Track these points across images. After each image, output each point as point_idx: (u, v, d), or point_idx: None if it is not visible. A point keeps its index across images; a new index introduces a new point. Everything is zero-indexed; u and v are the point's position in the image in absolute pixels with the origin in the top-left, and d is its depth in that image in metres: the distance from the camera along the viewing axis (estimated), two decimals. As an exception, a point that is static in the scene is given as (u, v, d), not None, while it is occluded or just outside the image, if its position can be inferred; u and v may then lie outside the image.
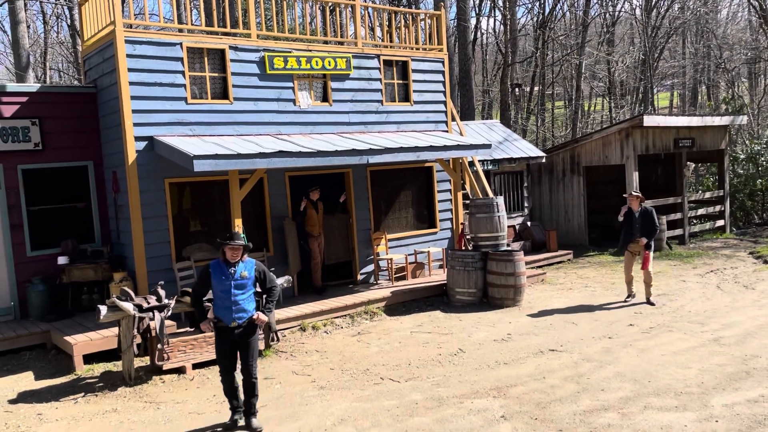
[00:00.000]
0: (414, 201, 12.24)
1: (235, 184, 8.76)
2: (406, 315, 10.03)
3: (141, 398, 6.83)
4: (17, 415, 6.45)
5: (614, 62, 28.57)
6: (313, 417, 6.06)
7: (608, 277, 12.19)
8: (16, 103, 9.29)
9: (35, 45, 25.86)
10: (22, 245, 9.39)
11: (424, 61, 12.06)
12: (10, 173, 9.29)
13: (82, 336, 8.01)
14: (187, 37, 9.56)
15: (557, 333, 8.63)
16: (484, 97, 31.96)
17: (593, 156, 15.35)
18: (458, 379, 6.97)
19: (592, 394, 6.30)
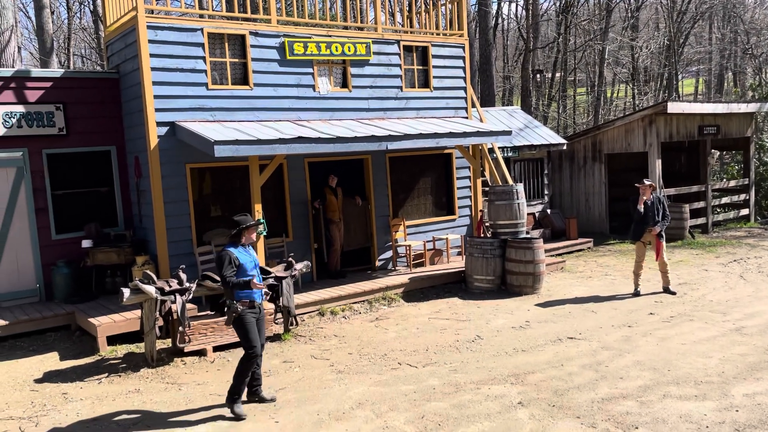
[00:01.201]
0: (433, 188, 12.22)
1: (255, 170, 8.82)
2: (424, 301, 10.05)
3: (163, 379, 6.96)
4: (43, 394, 6.61)
5: (638, 48, 28.10)
6: (331, 400, 6.13)
7: (629, 265, 12.08)
8: (40, 89, 9.43)
9: (59, 31, 26.14)
10: (47, 229, 9.56)
11: (445, 46, 11.98)
12: (35, 158, 9.45)
13: (106, 318, 8.17)
14: (208, 22, 9.60)
15: (576, 321, 8.60)
16: (504, 83, 31.68)
17: (615, 143, 15.17)
18: (476, 365, 6.99)
19: (611, 382, 6.28)
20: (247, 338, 5.89)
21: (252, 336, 5.89)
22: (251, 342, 5.87)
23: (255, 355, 5.86)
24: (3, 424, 5.86)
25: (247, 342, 5.89)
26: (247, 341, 5.89)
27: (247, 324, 5.89)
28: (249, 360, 5.86)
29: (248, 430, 5.54)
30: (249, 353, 5.86)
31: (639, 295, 9.82)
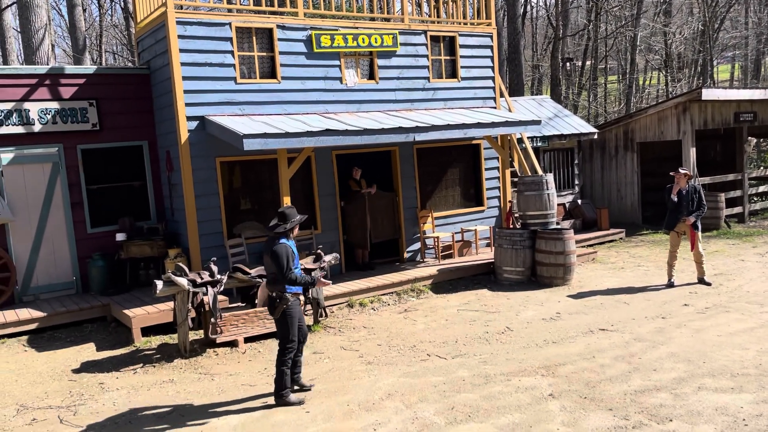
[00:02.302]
0: (461, 179, 12.15)
1: (283, 163, 8.88)
2: (453, 293, 10.02)
3: (196, 370, 7.07)
4: (81, 384, 6.78)
5: (671, 34, 27.45)
6: (361, 391, 6.16)
7: (662, 256, 11.86)
8: (74, 85, 9.62)
9: (91, 28, 26.62)
10: (82, 222, 9.78)
11: (472, 36, 11.86)
12: (70, 153, 9.66)
13: (140, 309, 8.33)
14: (236, 17, 9.66)
15: (608, 312, 8.48)
16: (533, 72, 31.28)
17: (648, 132, 14.87)
18: (505, 357, 6.95)
19: (644, 374, 6.18)
20: (290, 331, 5.92)
21: (294, 330, 5.93)
22: (293, 335, 5.92)
23: (292, 349, 5.91)
24: (43, 413, 6.03)
25: (289, 334, 5.91)
26: (290, 333, 5.92)
27: (293, 317, 5.93)
28: (286, 352, 5.90)
29: (280, 420, 5.61)
30: (288, 346, 5.91)
31: (673, 286, 9.64)
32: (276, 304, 5.89)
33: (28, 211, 9.43)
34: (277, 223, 5.95)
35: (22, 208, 9.39)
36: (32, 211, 9.46)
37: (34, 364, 7.47)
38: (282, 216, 5.95)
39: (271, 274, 5.93)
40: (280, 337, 5.95)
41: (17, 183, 9.33)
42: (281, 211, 5.98)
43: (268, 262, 5.90)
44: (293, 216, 5.98)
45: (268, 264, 5.92)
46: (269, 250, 5.85)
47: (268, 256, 5.88)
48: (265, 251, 5.94)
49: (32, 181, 9.44)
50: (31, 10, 13.25)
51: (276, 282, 5.89)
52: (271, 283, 5.95)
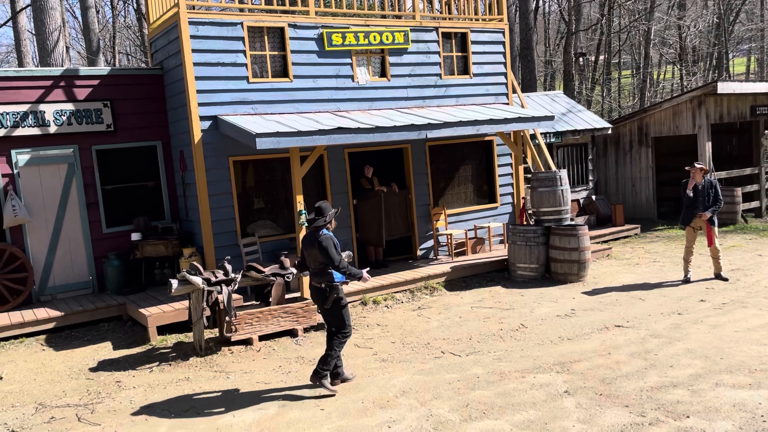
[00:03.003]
0: (474, 175, 12.12)
1: (296, 161, 8.90)
2: (467, 290, 10.00)
3: (211, 368, 7.12)
4: (98, 382, 6.85)
5: (686, 27, 27.15)
6: (375, 388, 6.17)
7: (678, 251, 11.75)
8: (88, 86, 9.70)
9: (104, 30, 26.84)
10: (98, 222, 9.87)
11: (484, 32, 11.81)
12: (85, 154, 9.75)
13: (156, 308, 8.40)
14: (248, 16, 9.69)
15: (623, 309, 8.42)
16: (546, 67, 31.09)
17: (662, 126, 14.73)
18: (520, 354, 6.92)
19: (660, 371, 6.13)
20: (345, 319, 6.17)
21: (348, 317, 6.20)
22: (348, 322, 6.19)
23: (348, 335, 6.19)
24: (61, 411, 6.10)
25: (345, 321, 6.16)
26: (345, 321, 6.16)
27: (345, 306, 6.17)
28: (343, 339, 6.16)
29: (295, 417, 5.63)
30: (344, 332, 6.16)
31: (689, 282, 9.55)
32: (327, 295, 6.08)
33: (45, 212, 9.54)
34: (315, 217, 6.14)
35: (39, 208, 9.49)
36: (48, 211, 9.56)
37: (52, 363, 7.56)
38: (319, 210, 6.15)
39: (319, 265, 6.08)
40: (335, 326, 6.17)
41: (34, 184, 9.44)
42: (318, 205, 6.17)
43: (315, 254, 6.05)
44: (329, 209, 6.17)
45: (314, 256, 6.07)
46: (314, 242, 6.03)
47: (314, 248, 6.04)
48: (308, 245, 6.13)
49: (48, 182, 9.54)
50: (46, 13, 13.39)
51: (323, 273, 6.07)
52: (318, 275, 6.11)
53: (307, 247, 6.15)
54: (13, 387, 6.82)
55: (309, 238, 6.14)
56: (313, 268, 6.16)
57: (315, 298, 6.21)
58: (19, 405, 6.33)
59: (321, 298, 6.13)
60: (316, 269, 6.12)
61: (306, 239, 6.20)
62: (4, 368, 7.40)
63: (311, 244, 6.08)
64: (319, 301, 6.17)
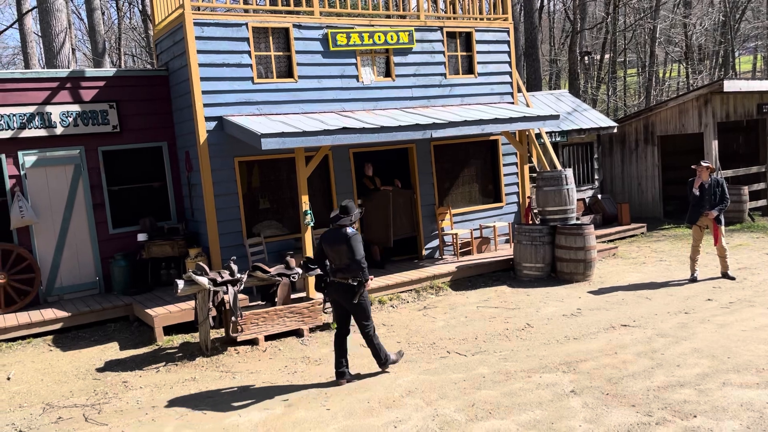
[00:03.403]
0: (479, 175, 12.10)
1: (301, 162, 8.91)
2: (472, 290, 9.99)
3: (217, 368, 7.14)
4: (105, 383, 6.88)
5: (691, 25, 27.04)
6: (381, 388, 6.17)
7: (684, 250, 11.71)
8: (94, 88, 9.74)
9: (110, 31, 26.93)
10: (104, 223, 9.91)
11: (489, 31, 11.80)
12: (91, 155, 9.79)
13: (162, 309, 8.42)
14: (252, 17, 9.71)
15: (629, 308, 8.40)
16: (551, 66, 31.03)
17: (668, 125, 14.68)
18: (526, 353, 6.91)
19: (667, 370, 6.11)
20: (368, 313, 6.42)
21: (370, 311, 6.47)
22: (371, 316, 6.46)
23: (373, 327, 6.46)
24: (68, 411, 6.13)
25: (368, 316, 6.42)
26: (368, 315, 6.42)
27: (368, 300, 6.44)
28: (371, 330, 6.43)
29: (301, 417, 5.63)
30: (371, 324, 6.44)
31: (696, 281, 9.51)
32: (356, 290, 6.25)
33: (52, 213, 9.58)
34: (340, 215, 6.32)
35: (46, 209, 9.53)
36: (55, 212, 9.60)
37: (59, 363, 7.59)
38: (345, 209, 6.33)
39: (347, 261, 6.21)
40: (360, 319, 6.39)
41: (40, 185, 9.48)
42: (344, 204, 6.35)
43: (343, 250, 6.19)
44: (354, 209, 6.36)
45: (342, 253, 6.20)
46: (343, 239, 6.19)
47: (343, 245, 6.18)
48: (333, 242, 6.26)
49: (55, 183, 9.59)
50: (52, 15, 13.44)
51: (350, 269, 6.21)
52: (344, 271, 6.25)
53: (333, 244, 6.26)
54: (20, 387, 6.85)
55: (335, 236, 6.26)
56: (339, 264, 6.28)
57: (338, 293, 6.35)
58: (26, 405, 6.36)
59: (347, 292, 6.29)
60: (343, 265, 6.25)
61: (330, 236, 6.30)
62: (11, 368, 7.44)
63: (338, 241, 6.21)
64: (343, 296, 6.32)
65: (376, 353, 6.51)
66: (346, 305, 6.38)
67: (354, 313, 6.39)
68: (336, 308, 6.55)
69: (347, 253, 6.17)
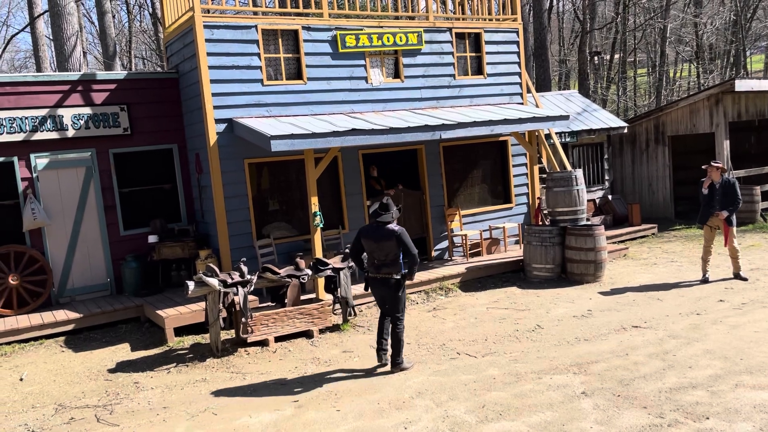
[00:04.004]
0: (488, 176, 12.08)
1: (310, 163, 8.93)
2: (482, 291, 9.97)
3: (228, 369, 7.16)
4: (116, 383, 6.92)
5: (702, 24, 26.87)
6: (390, 389, 6.17)
7: (696, 251, 11.63)
8: (105, 91, 9.81)
9: (120, 34, 27.12)
10: (115, 225, 9.97)
11: (498, 32, 11.78)
12: (102, 157, 9.85)
13: (173, 310, 8.46)
14: (262, 19, 9.74)
15: (641, 309, 8.35)
16: (560, 67, 30.93)
17: (679, 125, 14.58)
18: (536, 354, 6.89)
19: (679, 372, 6.07)
20: (404, 306, 6.70)
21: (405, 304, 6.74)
22: (404, 308, 6.71)
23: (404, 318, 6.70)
24: (80, 412, 6.17)
25: (404, 309, 6.68)
26: (404, 308, 6.68)
27: (405, 293, 6.71)
28: (401, 323, 6.65)
29: (311, 418, 5.64)
30: (402, 317, 6.66)
31: (708, 282, 9.44)
32: (400, 283, 6.54)
33: (63, 215, 9.66)
34: (380, 212, 6.50)
35: (58, 211, 9.61)
36: (67, 214, 9.68)
37: (71, 364, 7.65)
38: (386, 206, 6.51)
39: (392, 256, 6.45)
40: (396, 311, 6.63)
41: (52, 187, 9.56)
42: (385, 202, 6.55)
43: (389, 246, 6.41)
44: (394, 206, 6.57)
45: (388, 248, 6.43)
46: (390, 235, 6.41)
47: (390, 241, 6.41)
48: (379, 238, 6.46)
49: (67, 186, 9.66)
50: (63, 18, 13.55)
51: (394, 264, 6.48)
52: (388, 265, 6.50)
53: (378, 240, 6.46)
54: (33, 388, 6.91)
55: (379, 232, 6.46)
56: (383, 259, 6.48)
57: (379, 287, 6.62)
58: (39, 406, 6.41)
59: (388, 287, 6.56)
60: (387, 261, 6.47)
61: (373, 232, 6.50)
62: (24, 369, 7.50)
63: (384, 237, 6.42)
64: (384, 290, 6.59)
65: (396, 349, 6.66)
66: (387, 298, 6.66)
67: (392, 304, 6.65)
68: (378, 297, 6.82)
69: (394, 248, 6.40)
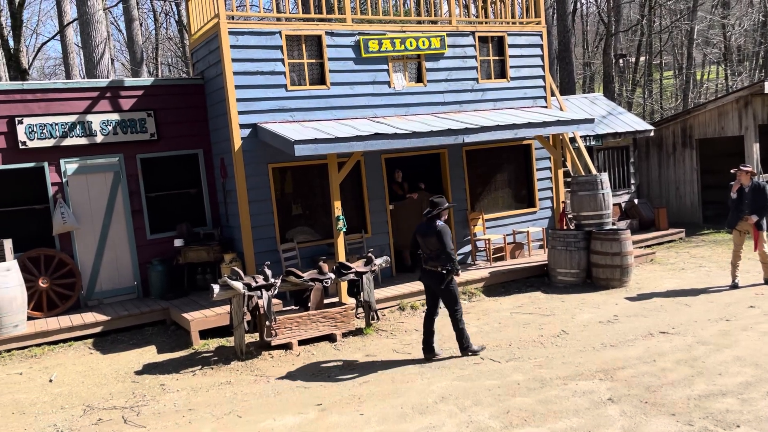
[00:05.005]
0: (512, 180, 12.00)
1: (333, 168, 8.97)
2: (506, 296, 9.90)
3: (252, 372, 7.21)
4: (143, 386, 7.01)
5: (730, 26, 26.42)
6: (414, 394, 6.15)
7: (725, 256, 11.41)
8: (132, 97, 9.98)
9: (147, 42, 27.57)
10: (142, 229, 10.12)
11: (521, 35, 11.72)
12: (130, 162, 10.02)
13: (198, 313, 8.55)
14: (286, 25, 9.83)
15: (668, 315, 8.21)
16: (585, 70, 30.66)
17: (707, 128, 14.34)
18: (562, 360, 6.81)
19: (708, 379, 5.96)
20: (457, 299, 7.05)
21: (459, 295, 7.09)
22: (459, 302, 7.08)
23: (461, 310, 7.05)
24: (108, 413, 6.26)
25: (457, 301, 7.04)
26: (457, 301, 7.04)
27: (456, 288, 7.07)
28: (458, 315, 7.02)
29: (334, 422, 5.65)
30: (457, 308, 7.03)
31: (737, 288, 9.26)
32: (445, 277, 6.89)
33: (92, 219, 9.83)
34: (430, 209, 7.01)
35: (86, 216, 9.78)
36: (95, 218, 9.85)
37: (99, 366, 7.77)
38: (433, 204, 7.00)
39: (435, 251, 6.87)
40: (449, 305, 7.03)
41: (81, 192, 9.74)
42: (432, 200, 7.03)
43: (432, 241, 6.87)
44: (443, 203, 7.00)
45: (430, 244, 6.91)
46: (432, 232, 6.87)
47: (432, 236, 6.86)
48: (424, 233, 6.97)
49: (95, 190, 9.83)
50: (92, 26, 13.83)
51: (438, 258, 6.86)
52: (434, 259, 6.93)
53: (424, 235, 6.97)
54: (62, 389, 7.03)
55: (426, 228, 6.96)
56: (429, 254, 6.96)
57: (429, 279, 7.05)
58: (68, 407, 6.52)
59: (436, 279, 6.96)
60: (433, 255, 6.91)
61: (422, 228, 7.02)
62: (54, 371, 7.63)
63: (429, 233, 6.91)
64: (433, 282, 7.01)
65: (459, 337, 7.07)
66: (436, 290, 7.05)
67: (443, 299, 7.05)
68: (427, 291, 7.22)
69: (437, 244, 6.83)
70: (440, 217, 7.01)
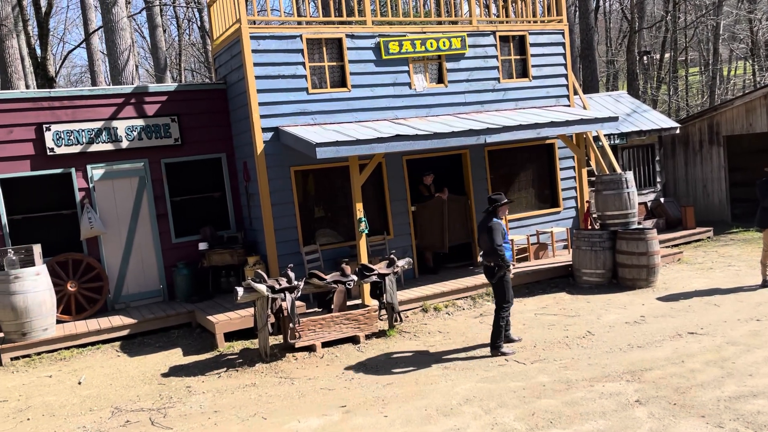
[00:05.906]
0: (535, 180, 11.90)
1: (355, 170, 8.98)
2: (530, 297, 9.81)
3: (276, 374, 7.25)
4: (169, 387, 7.09)
5: (757, 21, 25.89)
6: (438, 396, 6.12)
7: (755, 255, 11.18)
8: (157, 102, 10.11)
9: (170, 48, 27.94)
10: (167, 233, 10.24)
11: (543, 34, 11.62)
12: (154, 167, 10.15)
13: (223, 316, 8.63)
14: (306, 28, 9.88)
15: (696, 315, 8.07)
16: (608, 67, 30.31)
17: (735, 124, 14.07)
18: (587, 361, 6.73)
19: (739, 380, 5.83)
20: (506, 294, 7.20)
21: (509, 293, 7.23)
22: (508, 297, 7.21)
23: (508, 309, 7.23)
24: (135, 415, 6.34)
25: (506, 296, 7.19)
26: (506, 296, 7.20)
27: (508, 282, 7.23)
28: (503, 312, 7.19)
29: (358, 424, 5.65)
30: (504, 306, 7.19)
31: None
32: (495, 272, 7.14)
33: (118, 224, 9.98)
34: (488, 207, 7.28)
35: (113, 220, 9.93)
36: (122, 223, 10.00)
37: (127, 368, 7.87)
38: (490, 201, 7.27)
39: (487, 245, 7.16)
40: (497, 300, 7.24)
41: (107, 197, 9.89)
42: (490, 197, 7.30)
43: (485, 237, 7.17)
44: (500, 200, 7.24)
45: (483, 239, 7.21)
46: (484, 228, 7.17)
47: (484, 232, 7.16)
48: (480, 230, 7.30)
49: (121, 195, 9.98)
50: (116, 33, 14.05)
51: (490, 254, 7.15)
52: (487, 255, 7.22)
53: (480, 231, 7.33)
54: (91, 392, 7.14)
55: (482, 224, 7.26)
56: (483, 248, 7.27)
57: (484, 272, 7.36)
58: (96, 409, 6.62)
59: (488, 273, 7.25)
60: (486, 249, 7.21)
61: (480, 225, 7.38)
62: (82, 373, 7.76)
63: (482, 229, 7.22)
64: (486, 275, 7.30)
65: (494, 334, 7.20)
66: (490, 283, 7.30)
67: (494, 292, 7.27)
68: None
69: (488, 239, 7.11)
70: (497, 213, 7.20)
